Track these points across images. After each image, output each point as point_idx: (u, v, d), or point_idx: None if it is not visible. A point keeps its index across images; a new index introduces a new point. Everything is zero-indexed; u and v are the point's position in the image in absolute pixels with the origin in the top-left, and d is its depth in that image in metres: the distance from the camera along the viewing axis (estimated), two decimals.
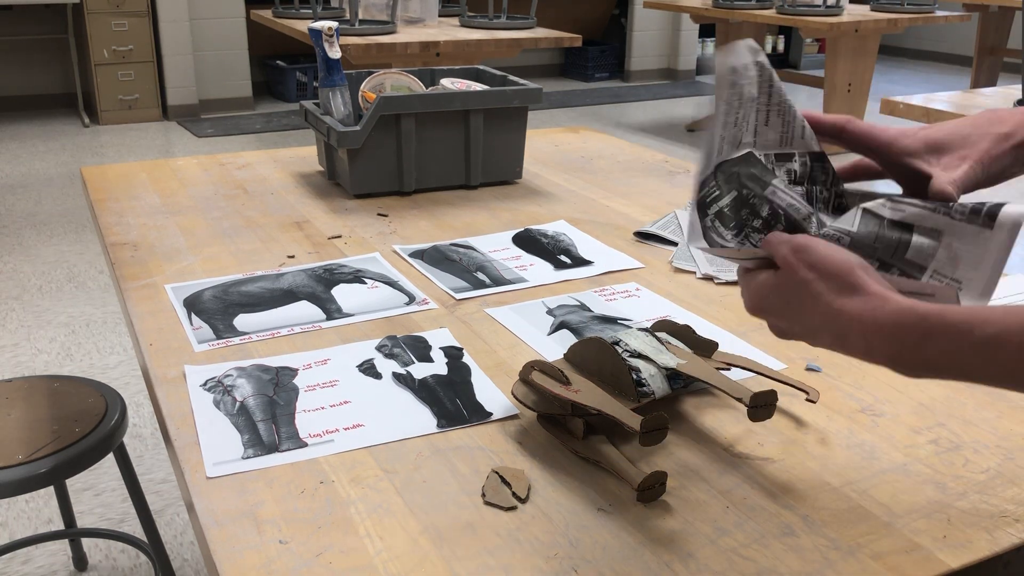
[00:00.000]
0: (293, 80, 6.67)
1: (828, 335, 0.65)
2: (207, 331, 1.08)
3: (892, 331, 0.61)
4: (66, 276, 3.53)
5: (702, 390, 0.96)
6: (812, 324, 0.66)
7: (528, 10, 5.47)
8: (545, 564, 0.70)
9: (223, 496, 0.78)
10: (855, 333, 0.63)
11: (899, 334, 0.61)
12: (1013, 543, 0.73)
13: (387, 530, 0.74)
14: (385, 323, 1.11)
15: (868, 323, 0.62)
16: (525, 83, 1.68)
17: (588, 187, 1.69)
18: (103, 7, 5.74)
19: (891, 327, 0.61)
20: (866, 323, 0.62)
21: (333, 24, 1.58)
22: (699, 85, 7.74)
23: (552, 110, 6.65)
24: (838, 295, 0.64)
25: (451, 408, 0.92)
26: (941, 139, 0.75)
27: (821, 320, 0.65)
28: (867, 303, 0.63)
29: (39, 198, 4.46)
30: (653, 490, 0.77)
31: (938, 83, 8.13)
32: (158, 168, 1.77)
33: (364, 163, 1.57)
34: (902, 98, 2.37)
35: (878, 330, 0.62)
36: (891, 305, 0.62)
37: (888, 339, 0.61)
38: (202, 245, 1.36)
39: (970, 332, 0.58)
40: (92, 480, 2.25)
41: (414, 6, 4.17)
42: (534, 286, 1.23)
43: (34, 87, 6.31)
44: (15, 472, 1.36)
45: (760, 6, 5.31)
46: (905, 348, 0.61)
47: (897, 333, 0.61)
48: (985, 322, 0.58)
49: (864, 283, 0.64)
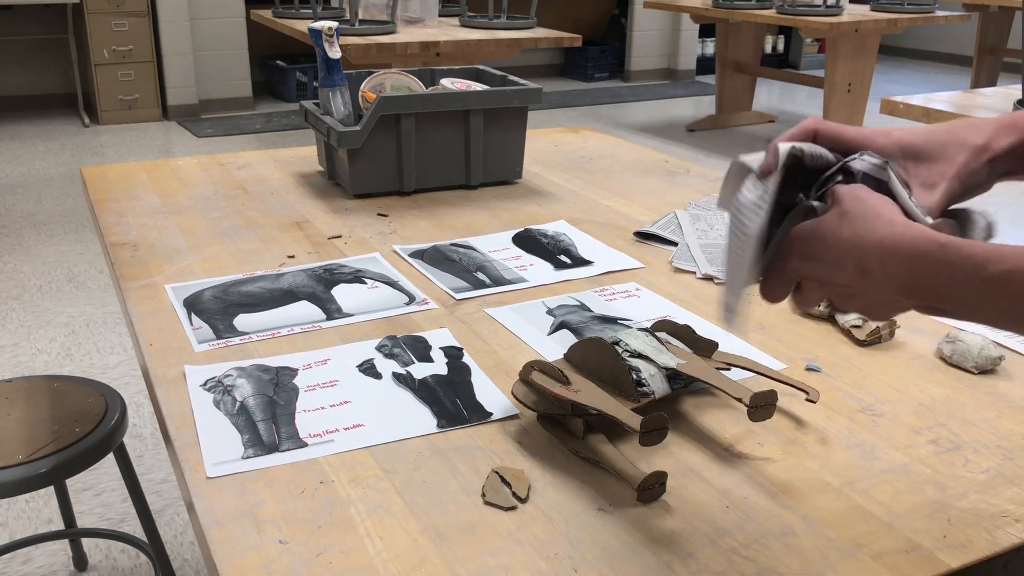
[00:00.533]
0: (293, 80, 6.67)
1: (850, 267, 0.64)
2: (207, 331, 1.08)
3: (909, 256, 0.61)
4: (66, 276, 3.53)
5: (702, 390, 0.96)
6: (833, 258, 0.65)
7: (528, 10, 5.47)
8: (545, 564, 0.70)
9: (223, 496, 0.78)
10: (874, 258, 0.63)
11: (916, 260, 0.61)
12: (1013, 543, 0.73)
13: (387, 530, 0.74)
14: (385, 323, 1.11)
15: (888, 247, 0.62)
16: (525, 83, 1.68)
17: (588, 187, 1.69)
18: (103, 7, 5.74)
19: (909, 251, 0.61)
20: (886, 247, 0.62)
21: (333, 24, 1.58)
22: (699, 85, 7.74)
23: (552, 110, 6.65)
24: (852, 223, 0.64)
25: (451, 408, 0.92)
26: (917, 145, 0.74)
27: (838, 253, 0.64)
28: (890, 227, 0.63)
29: (39, 198, 4.46)
30: (653, 490, 0.77)
31: (938, 83, 8.13)
32: (158, 168, 1.77)
33: (364, 163, 1.57)
34: (902, 98, 2.37)
35: (896, 253, 0.61)
36: (912, 230, 0.62)
37: (905, 264, 0.61)
38: (202, 245, 1.36)
39: (984, 266, 0.58)
40: (92, 480, 2.25)
41: (414, 6, 4.17)
42: (534, 286, 1.23)
43: (34, 87, 6.31)
44: (15, 472, 1.36)
45: (760, 6, 5.31)
46: (920, 275, 0.61)
47: (914, 259, 0.61)
48: (1000, 258, 0.58)
49: (878, 211, 0.64)
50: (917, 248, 0.61)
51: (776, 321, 1.12)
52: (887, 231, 0.63)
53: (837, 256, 0.65)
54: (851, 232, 0.64)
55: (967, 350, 1.00)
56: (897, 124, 5.23)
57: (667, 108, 6.85)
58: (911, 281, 0.61)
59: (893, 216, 0.64)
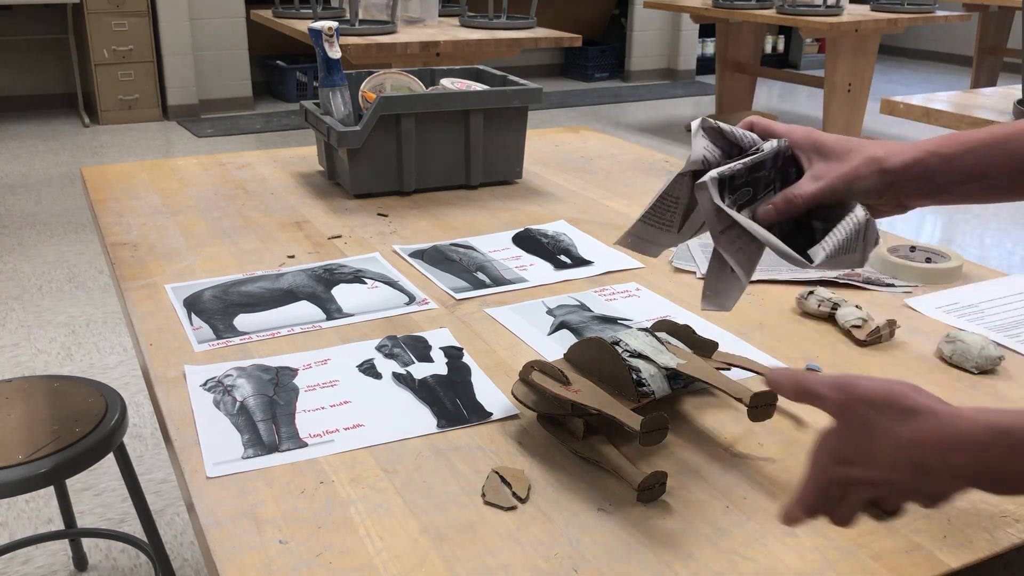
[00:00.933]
0: (293, 80, 6.67)
1: (907, 468, 0.61)
2: (207, 331, 1.08)
3: (973, 447, 0.58)
4: (66, 276, 3.53)
5: (702, 390, 0.96)
6: (889, 461, 0.61)
7: (528, 10, 5.47)
8: (545, 564, 0.70)
9: (223, 496, 0.78)
10: (934, 458, 0.60)
11: (981, 450, 0.58)
12: (1013, 543, 0.73)
13: (387, 530, 0.74)
14: (385, 323, 1.11)
15: (945, 442, 0.59)
16: (525, 83, 1.68)
17: (588, 187, 1.69)
18: (103, 7, 5.74)
19: (971, 443, 0.58)
20: (943, 443, 0.59)
21: (333, 24, 1.58)
22: (699, 85, 7.74)
23: (552, 110, 6.65)
24: (900, 423, 0.61)
25: (451, 408, 0.92)
26: (826, 144, 0.80)
27: (895, 455, 0.61)
28: (935, 423, 0.60)
29: (39, 198, 4.46)
30: (653, 490, 0.77)
31: (938, 83, 8.13)
32: (158, 168, 1.77)
33: (364, 163, 1.57)
34: (902, 98, 2.37)
35: (957, 446, 0.59)
36: (963, 421, 0.59)
37: (971, 454, 0.58)
38: (202, 245, 1.36)
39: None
40: (92, 480, 2.25)
41: (414, 6, 4.17)
42: (534, 286, 1.23)
43: (34, 87, 6.31)
44: (15, 472, 1.36)
45: (760, 6, 5.31)
46: (993, 467, 0.58)
47: (979, 449, 0.58)
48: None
49: (918, 404, 0.61)
50: (979, 440, 0.58)
51: (776, 321, 1.12)
52: (932, 427, 0.60)
53: (888, 464, 0.61)
54: (894, 440, 0.61)
55: (967, 350, 1.00)
56: (897, 124, 5.19)
57: (667, 108, 6.85)
58: (985, 473, 0.58)
59: (913, 405, 0.61)
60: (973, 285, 1.23)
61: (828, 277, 1.23)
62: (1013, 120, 2.10)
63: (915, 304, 1.17)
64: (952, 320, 1.12)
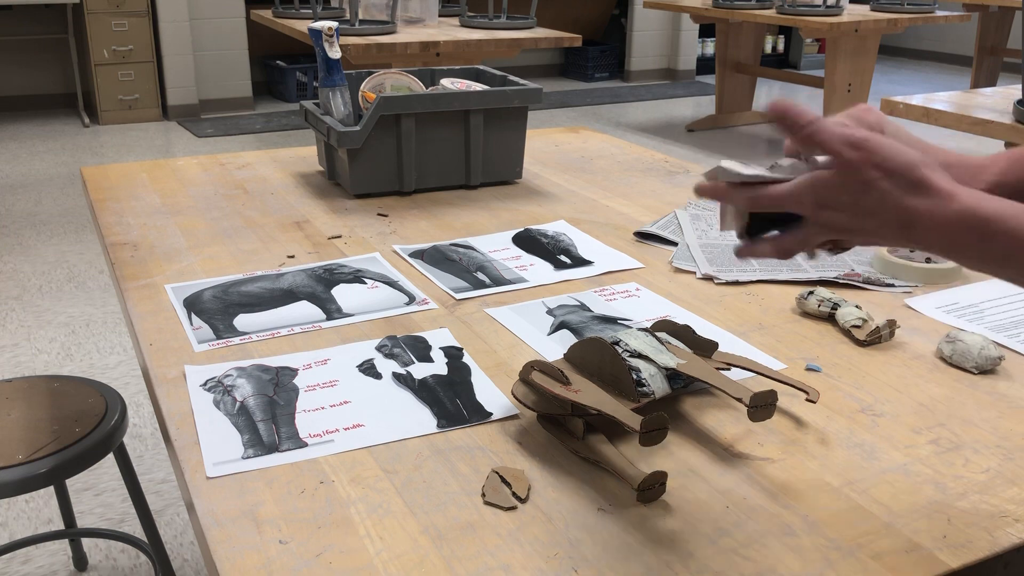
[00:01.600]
0: (293, 80, 6.67)
1: (892, 229, 0.68)
2: (207, 331, 1.08)
3: (955, 231, 0.66)
4: (66, 276, 3.53)
5: (702, 390, 0.96)
6: (879, 220, 0.68)
7: (528, 10, 5.47)
8: (545, 564, 0.70)
9: (223, 496, 0.78)
10: (920, 228, 0.67)
11: (961, 235, 0.66)
12: (1013, 543, 0.73)
13: (387, 530, 0.74)
14: (385, 323, 1.11)
15: (936, 220, 0.66)
16: (525, 83, 1.68)
17: (588, 187, 1.69)
18: (103, 7, 5.74)
19: (955, 226, 0.66)
20: (934, 220, 0.66)
21: (333, 24, 1.58)
22: (699, 85, 7.74)
23: (552, 110, 6.65)
24: (905, 193, 0.67)
25: (451, 408, 0.92)
26: (945, 161, 0.79)
27: (888, 216, 0.67)
28: (934, 203, 0.66)
29: (39, 198, 4.46)
30: (653, 490, 0.77)
31: (938, 83, 8.13)
32: (158, 168, 1.77)
33: (364, 163, 1.57)
34: (902, 98, 2.37)
35: (942, 227, 0.66)
36: (956, 204, 0.66)
37: (950, 237, 0.66)
38: (202, 245, 1.36)
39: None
40: (92, 480, 2.25)
41: (414, 6, 4.17)
42: (534, 286, 1.23)
43: (34, 87, 6.31)
44: (15, 472, 1.36)
45: (760, 6, 5.31)
46: (966, 247, 0.66)
47: (959, 234, 0.66)
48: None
49: (929, 180, 0.67)
50: (963, 224, 0.66)
51: (776, 321, 1.12)
52: (930, 206, 0.66)
53: (876, 224, 0.68)
54: (892, 204, 0.67)
55: (967, 350, 1.00)
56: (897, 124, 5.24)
57: (667, 108, 6.85)
58: (958, 252, 0.67)
59: (924, 179, 0.67)
60: (973, 285, 1.23)
61: (828, 277, 1.23)
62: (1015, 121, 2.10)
63: (915, 304, 1.17)
64: (952, 320, 1.12)
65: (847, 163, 0.67)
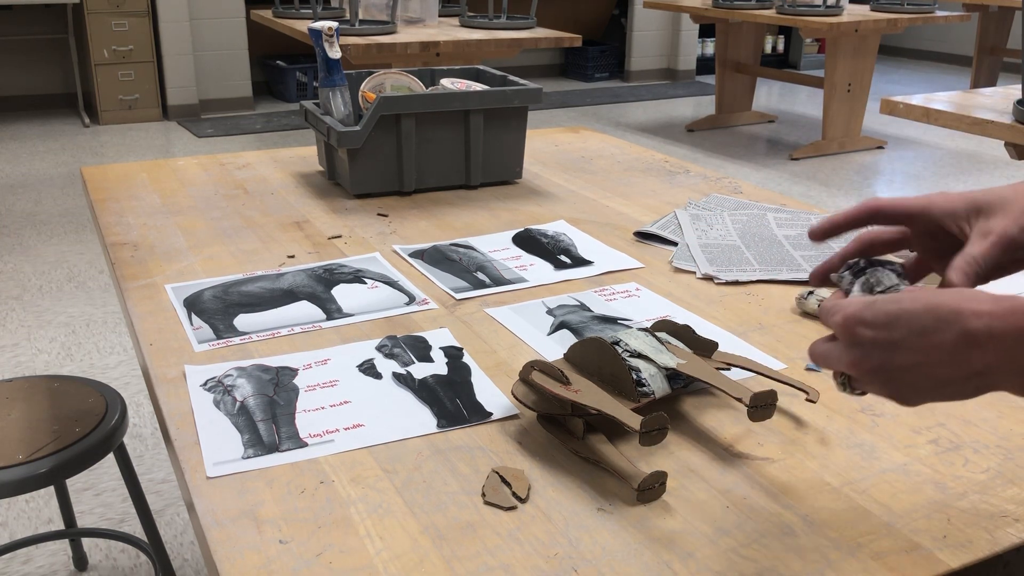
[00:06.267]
0: (293, 80, 6.67)
1: (950, 334, 0.58)
2: (207, 331, 1.08)
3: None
4: (66, 276, 3.53)
5: (702, 390, 0.96)
6: (923, 324, 0.59)
7: (528, 10, 5.47)
8: (545, 564, 0.70)
9: (223, 496, 0.78)
10: (982, 332, 0.58)
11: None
12: (1013, 543, 0.73)
13: (387, 530, 0.74)
14: (385, 323, 1.11)
15: (999, 323, 0.57)
16: (525, 83, 1.68)
17: (588, 187, 1.69)
18: (103, 7, 5.74)
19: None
20: (997, 325, 0.57)
21: (333, 24, 1.58)
22: (699, 85, 7.74)
23: (552, 110, 6.65)
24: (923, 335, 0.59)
25: (451, 408, 0.92)
26: (982, 199, 0.69)
27: (936, 322, 0.59)
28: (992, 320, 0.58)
29: (39, 198, 4.46)
30: (653, 490, 0.77)
31: (938, 83, 8.13)
32: (158, 168, 1.77)
33: (364, 163, 1.57)
34: (902, 98, 2.37)
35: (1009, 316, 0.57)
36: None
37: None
38: (202, 245, 1.36)
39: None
40: (92, 480, 2.25)
41: (414, 6, 4.17)
42: (534, 286, 1.23)
43: (34, 87, 6.31)
44: (15, 472, 1.36)
45: (760, 6, 5.31)
46: None
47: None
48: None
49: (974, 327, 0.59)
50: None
51: (776, 321, 1.12)
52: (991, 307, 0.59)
53: (922, 322, 0.59)
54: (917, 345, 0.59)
55: None
56: (897, 124, 5.18)
57: (667, 108, 6.85)
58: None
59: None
60: None
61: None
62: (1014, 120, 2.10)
63: None
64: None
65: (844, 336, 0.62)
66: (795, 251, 1.33)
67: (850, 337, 0.62)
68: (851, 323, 0.62)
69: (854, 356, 0.62)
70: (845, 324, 0.62)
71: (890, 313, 0.60)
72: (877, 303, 0.61)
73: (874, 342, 0.61)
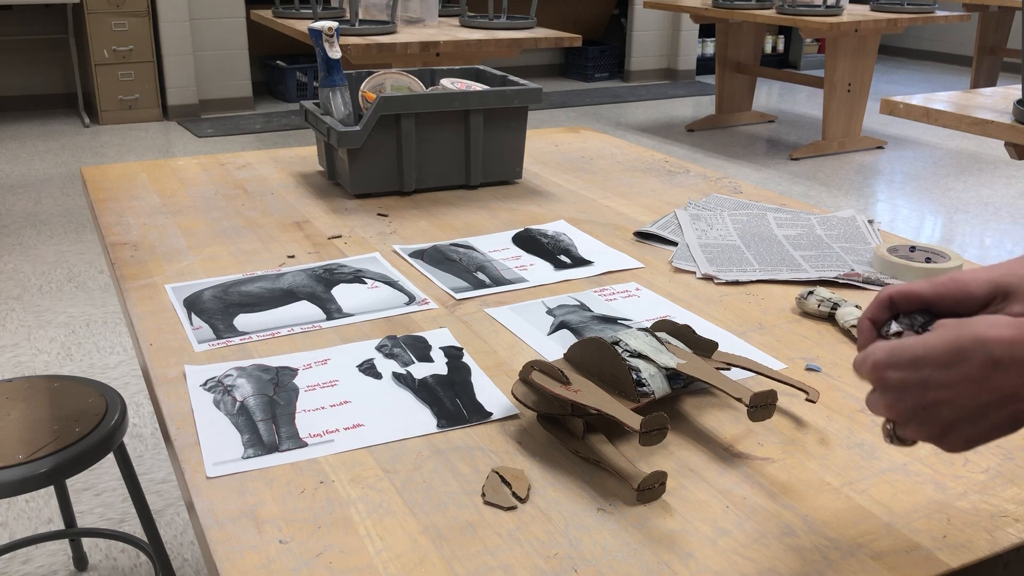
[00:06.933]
0: (293, 80, 6.67)
1: (977, 363, 0.59)
2: (207, 331, 1.08)
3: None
4: (66, 276, 3.53)
5: (702, 390, 0.96)
6: (949, 358, 0.59)
7: (528, 10, 5.47)
8: (545, 564, 0.70)
9: (223, 496, 0.78)
10: (1008, 352, 0.58)
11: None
12: (1013, 543, 0.73)
13: (387, 530, 0.74)
14: (385, 323, 1.11)
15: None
16: (525, 83, 1.68)
17: (588, 187, 1.69)
18: (103, 7, 5.74)
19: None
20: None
21: (333, 24, 1.58)
22: (699, 85, 7.74)
23: (552, 110, 6.65)
24: (946, 369, 0.60)
25: (451, 408, 0.92)
26: (1005, 283, 0.66)
27: (963, 356, 0.59)
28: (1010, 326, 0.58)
29: (39, 198, 4.46)
30: (653, 490, 0.77)
31: (938, 83, 8.13)
32: (158, 168, 1.77)
33: (364, 163, 1.57)
34: (902, 98, 2.37)
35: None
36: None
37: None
38: (202, 245, 1.36)
39: None
40: (92, 480, 2.25)
41: (414, 6, 4.17)
42: (534, 286, 1.23)
43: (34, 87, 6.31)
44: (15, 472, 1.36)
45: (760, 6, 5.31)
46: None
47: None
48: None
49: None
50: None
51: (776, 321, 1.12)
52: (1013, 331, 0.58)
53: (946, 354, 0.60)
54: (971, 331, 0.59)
55: None
56: (897, 124, 5.17)
57: (667, 108, 6.85)
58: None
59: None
60: None
61: (828, 277, 1.23)
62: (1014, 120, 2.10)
63: None
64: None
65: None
66: (795, 251, 1.33)
67: (882, 383, 0.63)
68: (880, 368, 0.62)
69: (889, 399, 0.63)
70: (875, 371, 0.63)
71: (915, 353, 0.61)
72: (902, 345, 0.62)
73: (904, 383, 0.61)
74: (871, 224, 1.43)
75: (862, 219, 1.44)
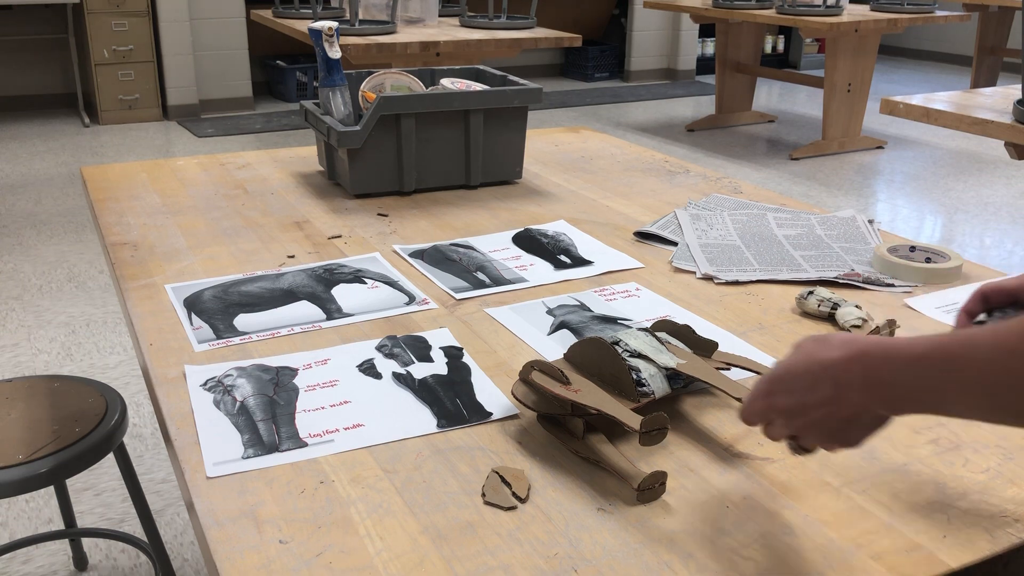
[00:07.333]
0: (293, 80, 6.67)
1: (827, 386, 0.66)
2: (207, 331, 1.08)
3: (907, 358, 0.63)
4: (66, 276, 3.53)
5: (702, 390, 0.96)
6: (810, 381, 0.67)
7: (528, 10, 5.47)
8: (545, 564, 0.70)
9: (223, 496, 0.78)
10: (869, 368, 0.64)
11: (914, 360, 0.62)
12: (1013, 543, 0.73)
13: (387, 530, 0.74)
14: (385, 323, 1.11)
15: (881, 353, 0.64)
16: (525, 83, 1.68)
17: (588, 187, 1.69)
18: (103, 7, 5.74)
19: (906, 355, 0.63)
20: (880, 355, 0.64)
21: (333, 24, 1.58)
22: (699, 85, 7.74)
23: (552, 110, 6.65)
24: (835, 348, 0.67)
25: (451, 408, 0.92)
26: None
27: (820, 373, 0.67)
28: (871, 342, 0.65)
29: (39, 198, 4.46)
30: (653, 490, 0.77)
31: (938, 83, 8.13)
32: (158, 168, 1.77)
33: (364, 163, 1.57)
34: (902, 98, 2.37)
35: (893, 355, 0.63)
36: (899, 342, 0.64)
37: (902, 364, 0.63)
38: (202, 245, 1.36)
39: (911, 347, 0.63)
40: (92, 480, 2.25)
41: (414, 6, 4.17)
42: (534, 286, 1.23)
43: (34, 87, 6.31)
44: (15, 472, 1.36)
45: (760, 6, 5.31)
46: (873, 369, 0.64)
47: (911, 360, 0.63)
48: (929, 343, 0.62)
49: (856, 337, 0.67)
50: (914, 352, 0.62)
51: (776, 321, 1.12)
52: (877, 345, 0.65)
53: (815, 378, 0.67)
54: (843, 349, 0.66)
55: None
56: (897, 124, 5.17)
57: (667, 108, 6.85)
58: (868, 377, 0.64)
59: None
60: (973, 285, 1.23)
61: (828, 277, 1.23)
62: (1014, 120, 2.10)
63: (915, 304, 1.17)
64: (952, 320, 1.12)
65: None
66: (795, 251, 1.33)
67: (773, 411, 0.71)
68: (760, 400, 0.71)
69: (782, 422, 0.71)
70: (758, 407, 0.72)
71: (776, 374, 0.70)
72: (771, 375, 0.70)
73: (789, 409, 0.69)
74: (871, 224, 1.43)
75: (862, 219, 1.44)
